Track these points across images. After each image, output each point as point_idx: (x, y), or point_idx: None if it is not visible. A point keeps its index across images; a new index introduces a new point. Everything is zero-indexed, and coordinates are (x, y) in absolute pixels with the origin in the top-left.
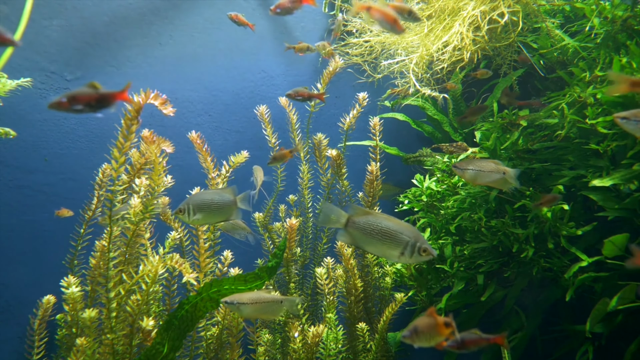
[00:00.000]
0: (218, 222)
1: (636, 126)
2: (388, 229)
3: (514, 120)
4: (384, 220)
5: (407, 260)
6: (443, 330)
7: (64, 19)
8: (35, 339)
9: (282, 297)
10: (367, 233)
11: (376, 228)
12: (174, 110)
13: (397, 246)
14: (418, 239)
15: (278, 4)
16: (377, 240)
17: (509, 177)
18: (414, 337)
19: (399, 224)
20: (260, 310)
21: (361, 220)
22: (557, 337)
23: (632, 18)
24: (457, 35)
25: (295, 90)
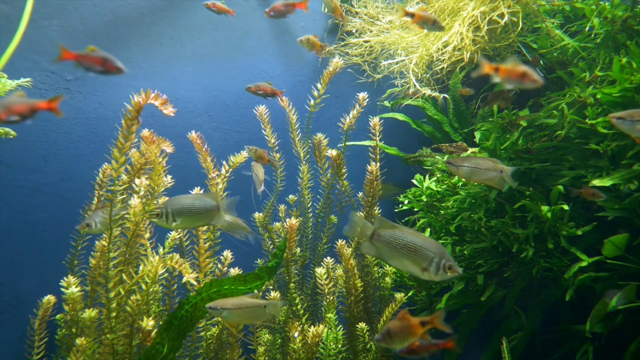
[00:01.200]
0: (198, 227)
1: (632, 126)
2: (414, 243)
3: (513, 120)
4: (410, 235)
5: (431, 277)
6: (417, 330)
7: (64, 19)
8: (35, 339)
9: (265, 302)
10: (392, 247)
11: (401, 242)
12: (174, 110)
13: (421, 262)
14: (443, 256)
15: (272, 7)
16: (402, 255)
17: (506, 175)
18: (387, 340)
19: (424, 239)
20: (244, 315)
21: (387, 233)
22: (557, 337)
23: (632, 18)
24: (457, 35)
25: (256, 85)
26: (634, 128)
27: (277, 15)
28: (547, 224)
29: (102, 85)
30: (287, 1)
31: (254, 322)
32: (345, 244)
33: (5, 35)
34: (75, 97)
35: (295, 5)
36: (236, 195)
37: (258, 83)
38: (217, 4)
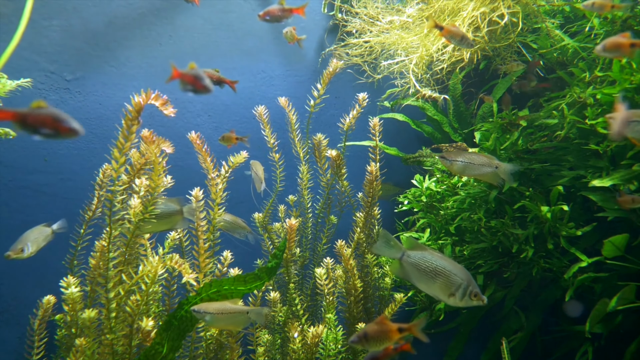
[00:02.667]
0: (160, 231)
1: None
2: (443, 268)
3: (513, 120)
4: (439, 259)
5: (456, 303)
6: (393, 336)
7: (64, 19)
8: (35, 339)
9: (247, 308)
10: (420, 269)
11: (430, 266)
12: (174, 110)
13: (449, 287)
14: (470, 283)
15: (267, 12)
16: (430, 278)
17: (501, 171)
18: (363, 342)
19: (453, 264)
20: (226, 321)
21: (416, 255)
22: (557, 338)
23: (632, 18)
24: None
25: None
26: (630, 129)
27: (272, 19)
28: (546, 224)
29: (101, 85)
30: (283, 6)
31: (237, 328)
32: (345, 244)
33: (5, 36)
34: (75, 97)
35: (292, 10)
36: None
37: (206, 70)
38: None
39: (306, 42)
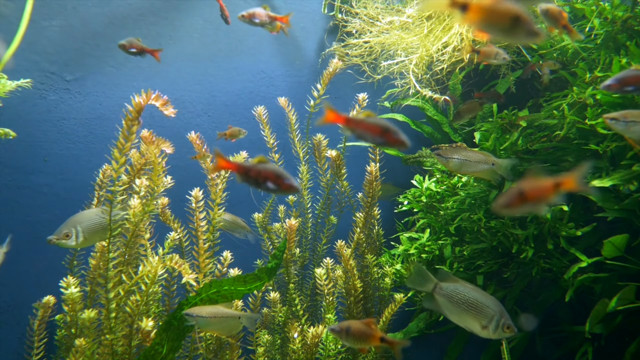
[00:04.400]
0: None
1: (625, 127)
2: (475, 300)
3: (513, 120)
4: (472, 291)
5: (488, 334)
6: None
7: (64, 19)
8: (34, 340)
9: (240, 313)
10: (453, 301)
11: (463, 297)
12: (175, 111)
13: (481, 319)
14: (503, 315)
15: (254, 14)
16: (462, 310)
17: (498, 168)
18: (342, 335)
19: (485, 296)
20: (218, 325)
21: (449, 287)
22: (557, 338)
23: (632, 19)
24: (456, 35)
25: (128, 41)
26: (627, 129)
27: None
28: (546, 224)
29: (101, 86)
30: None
31: (229, 333)
32: (345, 244)
33: (6, 36)
34: (75, 98)
35: (277, 18)
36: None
37: (130, 39)
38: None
39: (306, 43)
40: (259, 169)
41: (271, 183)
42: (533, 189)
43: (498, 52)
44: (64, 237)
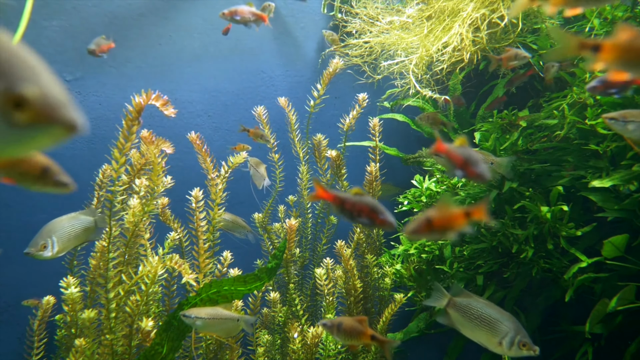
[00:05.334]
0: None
1: (624, 127)
2: (489, 316)
3: (513, 121)
4: (486, 307)
5: (504, 352)
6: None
7: (64, 19)
8: (34, 340)
9: (238, 316)
10: (466, 316)
11: (476, 313)
12: (175, 111)
13: (495, 335)
14: (519, 332)
15: (236, 11)
16: (476, 326)
17: (498, 167)
18: (333, 330)
19: (500, 312)
20: (217, 326)
21: (462, 302)
22: (557, 338)
23: (632, 19)
24: (456, 36)
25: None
26: (626, 129)
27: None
28: (546, 224)
29: (101, 86)
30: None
31: (227, 335)
32: (345, 244)
33: None
34: (75, 98)
35: (260, 16)
36: (236, 196)
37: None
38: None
39: (306, 43)
40: (354, 201)
41: (365, 217)
42: (441, 218)
43: (517, 53)
44: (42, 249)
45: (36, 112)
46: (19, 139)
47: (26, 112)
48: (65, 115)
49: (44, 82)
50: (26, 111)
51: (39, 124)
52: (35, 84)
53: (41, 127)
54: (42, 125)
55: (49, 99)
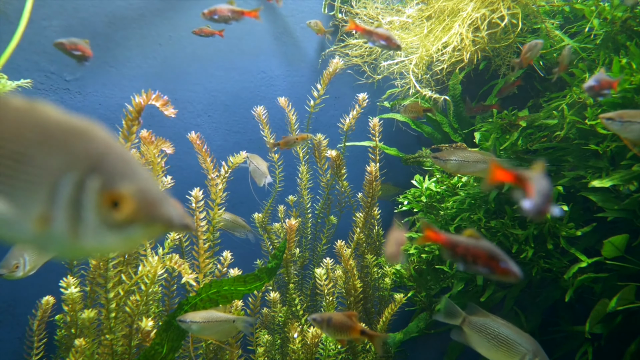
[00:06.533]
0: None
1: (621, 127)
2: (506, 336)
3: (513, 121)
4: (502, 327)
5: None
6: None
7: (64, 19)
8: (34, 340)
9: (234, 317)
10: (482, 335)
11: (493, 333)
12: (175, 111)
13: (512, 356)
14: (538, 353)
15: (215, 10)
16: (492, 346)
17: None
18: (323, 325)
19: (518, 332)
20: (213, 329)
21: (478, 321)
22: (557, 338)
23: (632, 19)
24: (456, 36)
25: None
26: (623, 129)
27: (220, 20)
28: (546, 224)
29: (101, 86)
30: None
31: (224, 337)
32: (345, 244)
33: (5, 36)
34: (75, 98)
35: (244, 13)
36: (236, 196)
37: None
38: (204, 28)
39: (306, 43)
40: (469, 245)
41: (482, 265)
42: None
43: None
44: (14, 269)
45: (134, 211)
46: (114, 239)
47: (124, 211)
48: (164, 213)
49: (141, 178)
50: (124, 210)
51: (137, 224)
52: (132, 181)
53: (139, 226)
54: (139, 225)
55: (147, 197)
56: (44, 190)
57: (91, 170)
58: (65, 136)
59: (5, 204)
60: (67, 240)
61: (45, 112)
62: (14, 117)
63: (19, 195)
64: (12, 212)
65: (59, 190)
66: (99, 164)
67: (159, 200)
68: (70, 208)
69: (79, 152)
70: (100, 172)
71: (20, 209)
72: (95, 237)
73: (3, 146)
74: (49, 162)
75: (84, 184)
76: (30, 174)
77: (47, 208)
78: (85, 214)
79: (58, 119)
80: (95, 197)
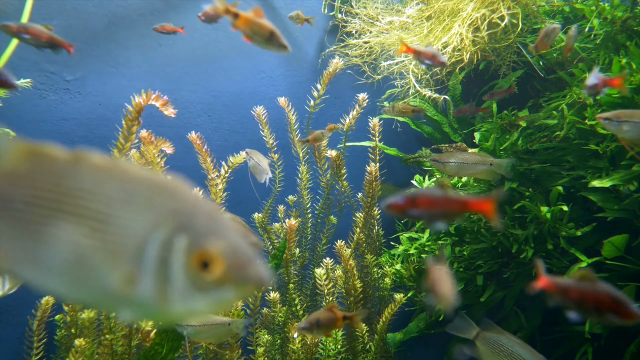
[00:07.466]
0: None
1: (618, 127)
2: (519, 355)
3: (513, 121)
4: (517, 345)
5: None
6: (339, 323)
7: (64, 19)
8: (34, 340)
9: (229, 320)
10: (495, 352)
11: (506, 350)
12: (175, 111)
13: None
14: None
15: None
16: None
17: (497, 167)
18: (312, 329)
19: (531, 352)
20: (208, 332)
21: (492, 337)
22: (557, 338)
23: (632, 19)
24: (456, 36)
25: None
26: (620, 129)
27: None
28: (546, 224)
29: (101, 86)
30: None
31: (219, 340)
32: (345, 244)
33: (5, 36)
34: (74, 98)
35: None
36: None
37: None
38: (165, 25)
39: (306, 43)
40: (586, 291)
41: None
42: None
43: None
44: None
45: (225, 272)
46: (203, 302)
47: (214, 272)
48: (255, 273)
49: (231, 236)
50: (214, 271)
51: (227, 286)
52: (222, 239)
53: (230, 288)
54: (230, 286)
55: (238, 257)
56: (129, 250)
57: (179, 229)
58: (150, 194)
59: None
60: (153, 303)
61: (128, 168)
62: (94, 175)
63: (103, 256)
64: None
65: (145, 251)
66: (187, 222)
67: (250, 259)
68: (158, 269)
69: (165, 210)
70: (189, 231)
71: (105, 269)
72: (183, 300)
73: (85, 206)
74: (134, 221)
75: (171, 244)
76: (114, 234)
77: (133, 269)
78: (174, 276)
79: (141, 176)
80: (184, 257)
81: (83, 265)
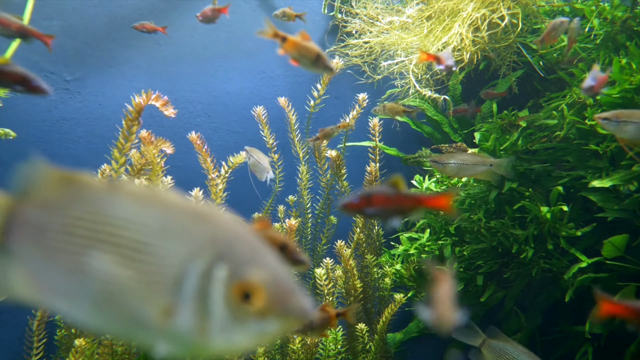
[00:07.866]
0: None
1: (617, 127)
2: None
3: (513, 121)
4: (522, 354)
5: None
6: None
7: (64, 19)
8: (34, 340)
9: None
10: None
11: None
12: (175, 111)
13: None
14: None
15: (202, 12)
16: None
17: (497, 167)
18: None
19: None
20: None
21: (498, 345)
22: (557, 338)
23: (632, 19)
24: (456, 36)
25: None
26: (619, 129)
27: (204, 20)
28: (546, 224)
29: (101, 86)
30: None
31: None
32: (345, 244)
33: None
34: (74, 98)
35: (222, 10)
36: (236, 196)
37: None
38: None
39: None
40: None
41: None
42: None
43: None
44: None
45: (267, 303)
46: (244, 336)
47: (256, 303)
48: (299, 305)
49: (272, 266)
50: (256, 303)
51: (270, 318)
52: (264, 269)
53: (272, 321)
54: (273, 318)
55: (280, 287)
56: (167, 280)
57: (219, 258)
58: (187, 222)
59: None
60: (192, 336)
61: (164, 196)
62: (131, 203)
63: (140, 287)
64: (132, 303)
65: (184, 281)
66: (227, 251)
67: (292, 289)
68: (197, 300)
69: (204, 238)
70: (229, 260)
71: (141, 301)
72: (223, 333)
73: (122, 235)
74: (171, 250)
75: (211, 274)
76: (152, 264)
77: (171, 300)
78: (213, 307)
79: (178, 204)
80: (224, 288)
81: (119, 297)
